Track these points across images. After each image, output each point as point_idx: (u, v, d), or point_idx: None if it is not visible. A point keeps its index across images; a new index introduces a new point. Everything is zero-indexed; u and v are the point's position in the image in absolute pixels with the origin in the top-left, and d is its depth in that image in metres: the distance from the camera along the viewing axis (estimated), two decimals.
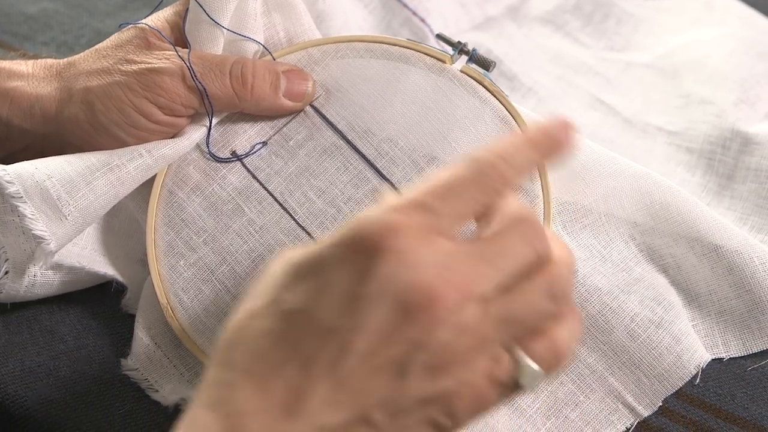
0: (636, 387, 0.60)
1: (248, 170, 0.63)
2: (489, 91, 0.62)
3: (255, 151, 0.63)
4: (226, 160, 0.63)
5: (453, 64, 0.64)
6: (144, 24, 0.62)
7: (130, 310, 0.65)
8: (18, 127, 0.63)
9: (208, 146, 0.63)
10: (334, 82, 0.64)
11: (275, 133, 0.64)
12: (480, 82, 0.63)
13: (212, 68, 0.61)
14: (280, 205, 0.62)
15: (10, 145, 0.64)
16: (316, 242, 0.43)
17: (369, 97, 0.63)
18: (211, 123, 0.63)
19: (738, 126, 0.75)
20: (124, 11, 0.92)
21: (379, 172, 0.62)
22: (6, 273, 0.61)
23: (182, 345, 0.61)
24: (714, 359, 0.62)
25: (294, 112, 0.64)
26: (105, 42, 0.64)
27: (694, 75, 0.80)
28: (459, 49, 0.63)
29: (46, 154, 0.61)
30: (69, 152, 0.61)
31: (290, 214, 0.62)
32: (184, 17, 0.63)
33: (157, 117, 0.61)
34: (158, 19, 0.63)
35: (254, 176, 0.63)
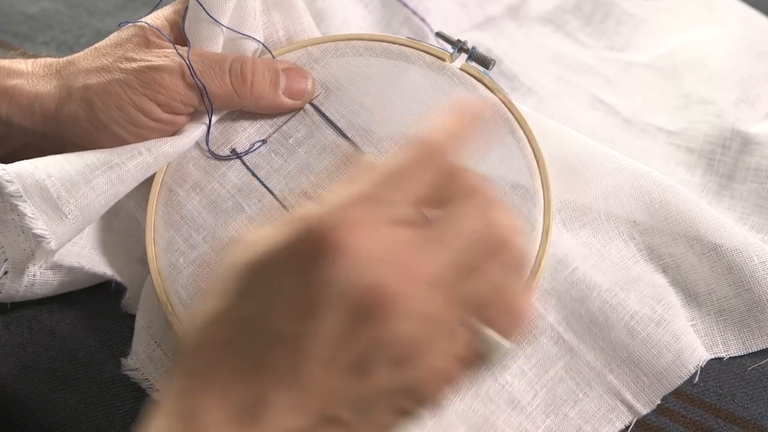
0: (635, 385, 0.59)
1: (248, 168, 0.63)
2: (489, 89, 0.62)
3: (254, 149, 0.63)
4: (225, 158, 0.63)
5: (453, 62, 0.64)
6: (143, 22, 0.62)
7: (130, 310, 0.65)
8: (17, 125, 0.63)
9: (208, 144, 0.63)
10: (333, 80, 0.64)
11: (275, 131, 0.64)
12: (480, 80, 0.63)
13: (212, 66, 0.61)
14: (280, 202, 0.62)
15: (10, 143, 0.64)
16: (279, 223, 0.41)
17: (369, 95, 0.63)
18: (211, 121, 0.63)
19: (738, 126, 0.74)
20: (124, 11, 0.92)
21: None
22: (5, 273, 0.61)
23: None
24: (714, 359, 0.62)
25: (293, 110, 0.64)
26: (104, 40, 0.64)
27: (694, 75, 0.80)
28: (458, 47, 0.63)
29: (45, 153, 0.61)
30: (69, 150, 0.61)
31: (290, 212, 0.62)
32: (184, 15, 0.63)
33: (156, 115, 0.61)
34: (158, 17, 0.63)
35: (254, 174, 0.63)
